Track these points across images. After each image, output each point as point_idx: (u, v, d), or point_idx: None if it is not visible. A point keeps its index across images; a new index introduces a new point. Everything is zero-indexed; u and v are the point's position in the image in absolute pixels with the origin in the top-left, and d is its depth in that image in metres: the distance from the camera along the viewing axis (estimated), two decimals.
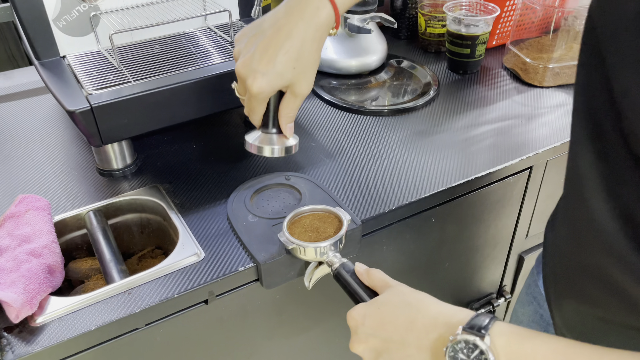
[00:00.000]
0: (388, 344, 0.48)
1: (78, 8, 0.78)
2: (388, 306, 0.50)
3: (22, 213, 0.69)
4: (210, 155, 0.85)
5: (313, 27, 0.54)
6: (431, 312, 0.48)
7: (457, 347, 0.43)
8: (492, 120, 0.92)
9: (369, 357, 0.51)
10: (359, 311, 0.52)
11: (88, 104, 0.68)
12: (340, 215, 0.64)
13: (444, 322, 0.46)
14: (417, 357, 0.47)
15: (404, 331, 0.47)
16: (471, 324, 0.44)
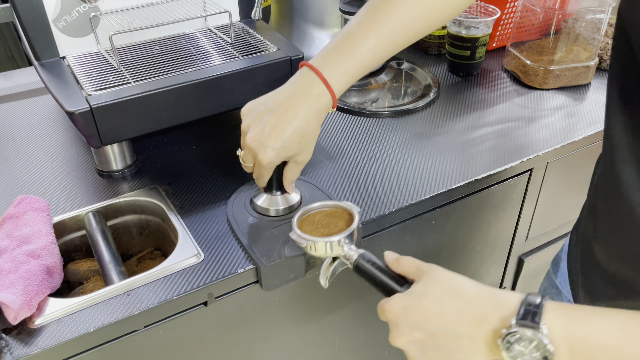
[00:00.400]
0: (436, 337, 0.47)
1: (78, 9, 0.78)
2: (430, 297, 0.48)
3: (21, 214, 0.68)
4: (210, 156, 0.85)
5: (315, 111, 0.62)
6: (477, 301, 0.46)
7: (512, 339, 0.42)
8: (492, 123, 0.92)
9: (414, 351, 0.49)
10: (398, 304, 0.49)
11: (87, 105, 0.68)
12: (350, 209, 0.63)
13: (493, 312, 0.44)
14: (469, 348, 0.46)
15: (453, 323, 0.46)
16: (523, 314, 0.43)
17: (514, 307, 0.44)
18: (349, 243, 0.59)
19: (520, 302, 0.44)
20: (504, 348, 0.43)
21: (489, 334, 0.44)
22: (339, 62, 0.62)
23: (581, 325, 0.42)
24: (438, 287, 0.48)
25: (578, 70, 1.00)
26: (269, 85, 0.81)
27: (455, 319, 0.46)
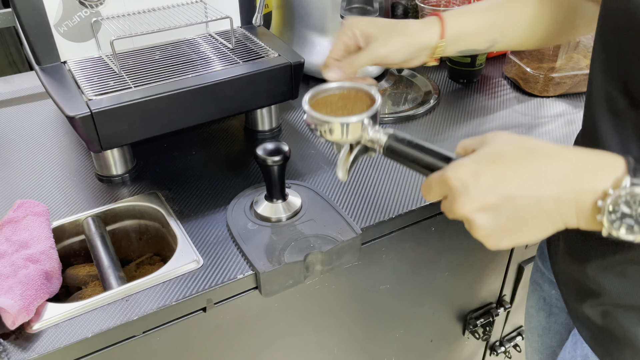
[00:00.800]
0: (515, 201, 0.41)
1: (79, 14, 0.78)
2: (507, 156, 0.42)
3: (21, 218, 0.68)
4: (209, 162, 0.85)
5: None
6: (567, 158, 0.41)
7: (621, 200, 0.39)
8: (492, 129, 0.92)
9: (483, 219, 0.43)
10: (466, 168, 0.43)
11: (88, 110, 0.68)
12: (369, 91, 0.55)
13: (592, 168, 0.40)
14: (554, 212, 0.41)
15: (538, 184, 0.41)
16: (634, 169, 0.39)
17: (621, 165, 0.40)
18: (373, 125, 0.52)
19: (627, 161, 0.40)
20: (606, 211, 0.39)
21: (584, 196, 0.40)
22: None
23: None
24: (513, 146, 0.43)
25: (578, 77, 1.01)
26: (270, 91, 0.81)
27: (540, 179, 0.41)
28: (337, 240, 0.68)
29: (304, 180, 0.80)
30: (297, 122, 0.96)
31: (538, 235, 0.43)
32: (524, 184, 0.41)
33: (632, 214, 0.39)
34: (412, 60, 0.65)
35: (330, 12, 1.03)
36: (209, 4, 0.87)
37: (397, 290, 0.85)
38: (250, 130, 0.92)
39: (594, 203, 0.40)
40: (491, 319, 1.03)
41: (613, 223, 0.40)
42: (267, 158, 0.67)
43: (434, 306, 0.94)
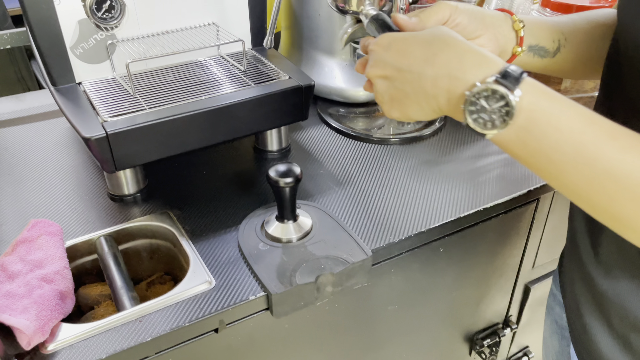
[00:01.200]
0: (404, 74, 0.48)
1: (95, 36, 0.80)
2: (417, 39, 0.48)
3: (35, 238, 0.69)
4: (220, 181, 0.86)
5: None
6: (460, 50, 0.46)
7: (483, 94, 0.43)
8: (498, 151, 0.93)
9: (380, 86, 0.51)
10: (386, 38, 0.51)
11: (104, 131, 0.69)
12: None
13: (472, 66, 0.45)
14: (430, 93, 0.47)
15: (424, 63, 0.47)
16: (504, 74, 0.44)
17: (497, 67, 0.45)
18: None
19: (504, 65, 0.45)
20: (469, 102, 0.44)
21: (456, 84, 0.45)
22: None
23: (551, 103, 0.43)
24: (433, 33, 0.49)
25: (583, 100, 1.02)
26: (281, 112, 0.82)
27: (426, 60, 0.47)
28: (348, 261, 0.68)
29: (313, 200, 0.81)
30: (306, 142, 0.97)
31: (419, 112, 0.50)
32: (413, 60, 0.48)
33: (487, 109, 0.44)
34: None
35: (339, 34, 1.04)
36: (221, 26, 0.88)
37: (405, 311, 0.85)
38: (260, 150, 0.93)
39: (462, 93, 0.45)
40: (497, 339, 1.04)
41: (471, 114, 0.45)
42: (279, 180, 0.68)
43: (441, 326, 0.95)
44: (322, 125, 1.03)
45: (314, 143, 0.97)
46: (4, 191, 0.84)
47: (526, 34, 0.63)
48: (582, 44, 0.66)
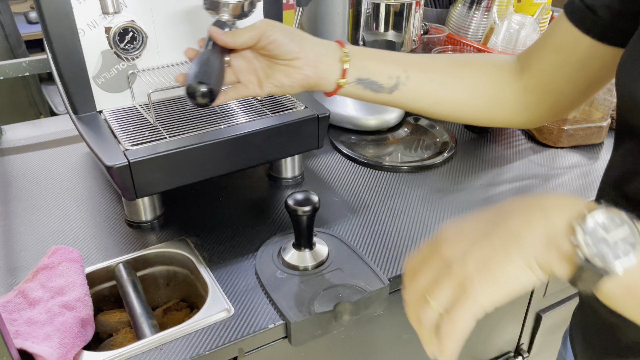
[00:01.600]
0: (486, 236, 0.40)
1: (117, 66, 0.82)
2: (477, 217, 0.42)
3: (56, 265, 0.70)
4: (236, 208, 0.87)
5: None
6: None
7: (595, 220, 0.36)
8: (510, 180, 0.94)
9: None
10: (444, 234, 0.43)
11: (126, 160, 0.71)
12: None
13: (566, 201, 0.38)
14: (524, 233, 0.38)
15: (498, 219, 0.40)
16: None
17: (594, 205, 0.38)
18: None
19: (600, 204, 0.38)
20: (580, 226, 0.36)
21: (556, 221, 0.37)
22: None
23: None
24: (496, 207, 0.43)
25: (591, 130, 1.04)
26: (298, 141, 0.84)
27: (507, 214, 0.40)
28: (366, 290, 0.69)
29: (328, 228, 0.82)
30: (319, 169, 0.98)
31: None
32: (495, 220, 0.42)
33: (604, 236, 0.36)
34: (320, 64, 0.62)
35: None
36: None
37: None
38: (274, 177, 0.95)
39: (570, 224, 0.38)
40: None
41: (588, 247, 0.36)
42: (298, 208, 0.69)
43: None
44: (334, 152, 1.04)
45: (326, 170, 0.98)
46: (22, 217, 0.85)
47: (356, 67, 0.63)
48: (440, 84, 0.65)
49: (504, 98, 0.66)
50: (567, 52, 0.61)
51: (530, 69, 0.65)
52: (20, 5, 2.60)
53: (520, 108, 0.67)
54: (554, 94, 0.64)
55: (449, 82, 0.66)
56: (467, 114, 0.68)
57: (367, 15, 0.96)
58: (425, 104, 0.66)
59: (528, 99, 0.66)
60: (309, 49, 0.62)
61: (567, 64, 0.61)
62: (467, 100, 0.66)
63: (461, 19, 1.24)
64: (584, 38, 0.59)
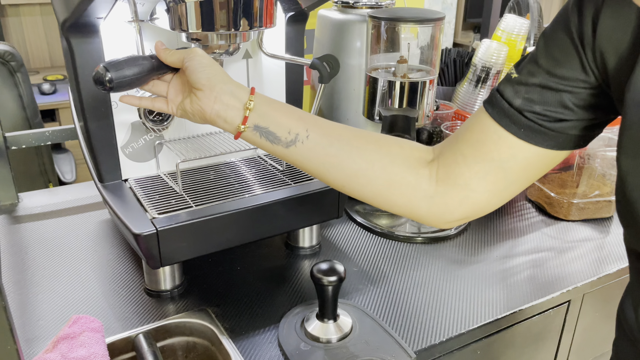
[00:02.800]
0: None
1: (145, 137, 0.84)
2: None
3: (77, 334, 0.68)
4: (255, 278, 0.87)
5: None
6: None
7: None
8: (526, 252, 0.95)
9: None
10: None
11: (154, 228, 0.71)
12: None
13: None
14: None
15: None
16: None
17: None
18: None
19: None
20: None
21: None
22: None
23: None
24: None
25: (601, 204, 1.06)
26: (318, 211, 0.85)
27: None
28: None
29: (349, 299, 0.82)
30: (335, 238, 0.99)
31: None
32: None
33: None
34: (218, 104, 0.63)
35: None
36: None
37: None
38: (292, 246, 0.95)
39: None
40: None
41: None
42: (323, 278, 0.70)
43: None
44: (349, 221, 1.05)
45: (342, 239, 0.99)
46: (40, 285, 0.84)
47: (258, 114, 0.62)
48: (342, 154, 0.63)
49: (405, 181, 0.63)
50: (486, 148, 0.58)
51: (442, 158, 0.63)
52: (33, 77, 2.68)
53: (423, 196, 0.63)
54: (464, 188, 0.61)
55: (349, 151, 0.63)
56: (363, 187, 0.64)
57: (382, 92, 1.00)
58: (320, 166, 0.64)
59: (433, 188, 0.62)
60: (215, 84, 0.63)
61: (483, 160, 0.59)
62: (364, 172, 0.63)
63: (467, 96, 1.30)
64: (508, 137, 0.56)
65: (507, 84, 0.57)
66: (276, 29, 0.89)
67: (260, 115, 0.63)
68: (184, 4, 0.70)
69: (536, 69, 0.55)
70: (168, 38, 0.80)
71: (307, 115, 0.65)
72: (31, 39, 2.84)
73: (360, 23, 1.03)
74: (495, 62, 1.24)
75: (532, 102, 0.55)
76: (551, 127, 0.55)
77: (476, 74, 1.27)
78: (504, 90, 0.57)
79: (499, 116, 0.57)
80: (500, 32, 1.29)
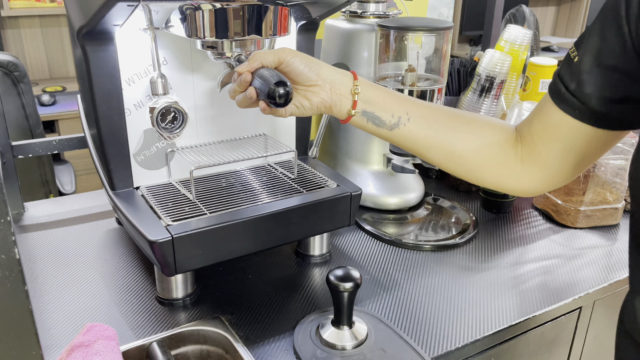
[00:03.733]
0: None
1: (157, 144, 0.84)
2: None
3: (92, 342, 0.68)
4: (266, 285, 0.86)
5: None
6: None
7: None
8: (535, 259, 0.96)
9: None
10: None
11: (169, 235, 0.71)
12: None
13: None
14: None
15: None
16: None
17: None
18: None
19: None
20: None
21: None
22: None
23: None
24: None
25: (607, 211, 1.07)
26: (331, 218, 0.85)
27: None
28: None
29: (362, 306, 0.81)
30: (345, 246, 0.99)
31: None
32: None
33: None
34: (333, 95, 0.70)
35: (373, 145, 1.11)
36: (270, 136, 0.94)
37: None
38: (302, 254, 0.95)
39: None
40: None
41: None
42: (339, 284, 0.69)
43: None
44: (358, 230, 1.05)
45: (351, 247, 0.99)
46: (50, 294, 0.83)
47: (363, 100, 0.70)
48: (441, 134, 0.70)
49: (496, 161, 0.70)
50: (552, 129, 0.64)
51: (522, 138, 0.69)
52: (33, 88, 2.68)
53: (510, 174, 0.70)
54: (543, 167, 0.67)
55: (446, 133, 0.70)
56: (458, 166, 0.71)
57: None
58: (420, 146, 0.71)
59: (519, 167, 0.69)
60: (325, 77, 0.69)
61: (552, 140, 0.64)
62: (460, 153, 0.70)
63: (472, 105, 1.31)
64: (571, 121, 0.61)
65: (567, 66, 0.60)
66: (287, 37, 0.89)
67: (366, 101, 0.70)
68: (200, 11, 0.71)
69: (588, 53, 0.57)
70: (181, 46, 0.81)
71: (406, 97, 0.72)
72: (30, 50, 2.84)
73: (369, 32, 1.04)
74: (499, 71, 1.25)
75: (585, 84, 0.58)
76: (603, 109, 0.58)
77: (480, 84, 1.28)
78: (563, 74, 0.61)
79: (558, 100, 0.62)
80: (504, 42, 1.30)
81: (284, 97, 0.65)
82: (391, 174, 1.12)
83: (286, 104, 0.65)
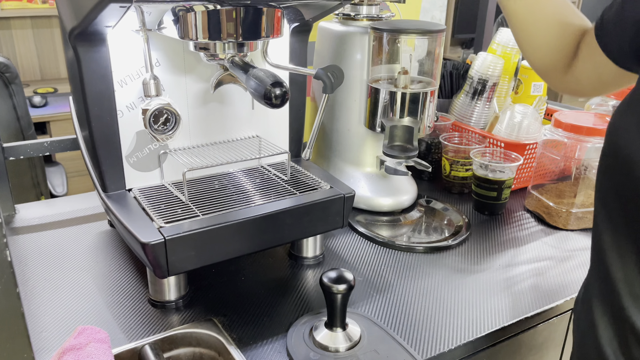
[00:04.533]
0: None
1: (149, 146, 0.84)
2: None
3: (83, 345, 0.67)
4: (260, 287, 0.86)
5: None
6: None
7: None
8: (528, 261, 0.96)
9: None
10: None
11: (161, 237, 0.71)
12: None
13: None
14: None
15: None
16: None
17: None
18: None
19: None
20: None
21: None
22: None
23: None
24: None
25: None
26: (324, 220, 0.85)
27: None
28: None
29: (355, 308, 0.81)
30: (338, 248, 0.99)
31: None
32: None
33: None
34: None
35: (366, 147, 1.11)
36: (263, 138, 0.94)
37: None
38: (295, 256, 0.95)
39: None
40: None
41: None
42: (333, 286, 0.69)
43: None
44: (351, 232, 1.05)
45: (345, 249, 0.99)
46: (42, 297, 0.82)
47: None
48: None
49: (559, 65, 0.79)
50: (586, 52, 0.74)
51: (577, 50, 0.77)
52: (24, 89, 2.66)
53: (556, 75, 0.80)
54: (577, 81, 0.78)
55: (556, 8, 0.77)
56: (531, 37, 0.79)
57: (384, 104, 1.01)
58: (531, 20, 0.78)
59: (566, 73, 0.79)
60: None
61: (586, 61, 0.74)
62: (539, 45, 0.79)
63: (464, 107, 1.31)
64: (596, 46, 0.71)
65: (611, 7, 0.69)
66: (280, 40, 0.89)
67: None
68: (193, 13, 0.71)
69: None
70: (174, 47, 0.81)
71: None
72: (22, 52, 2.82)
73: (362, 35, 1.04)
74: (492, 74, 1.26)
75: (608, 22, 0.68)
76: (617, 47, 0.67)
77: (472, 86, 1.29)
78: (605, 11, 0.69)
79: (594, 31, 0.71)
80: (496, 45, 1.31)
81: (280, 97, 0.65)
82: (384, 176, 1.12)
83: (282, 104, 0.65)
